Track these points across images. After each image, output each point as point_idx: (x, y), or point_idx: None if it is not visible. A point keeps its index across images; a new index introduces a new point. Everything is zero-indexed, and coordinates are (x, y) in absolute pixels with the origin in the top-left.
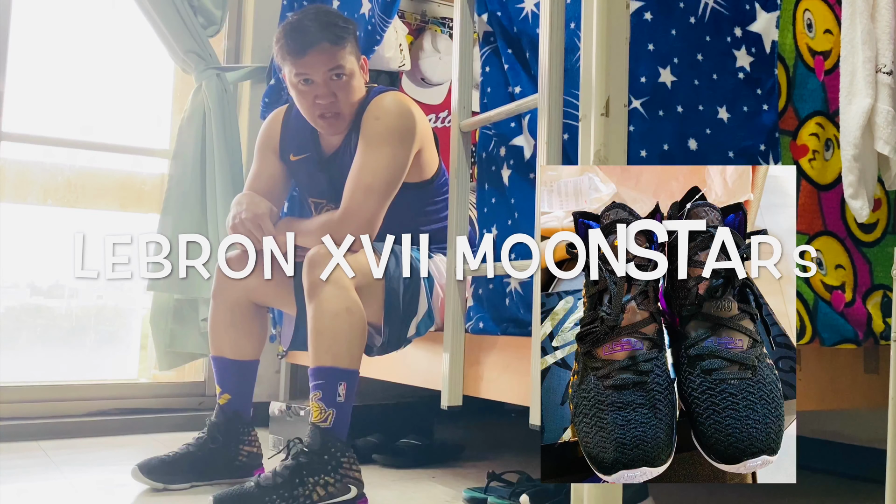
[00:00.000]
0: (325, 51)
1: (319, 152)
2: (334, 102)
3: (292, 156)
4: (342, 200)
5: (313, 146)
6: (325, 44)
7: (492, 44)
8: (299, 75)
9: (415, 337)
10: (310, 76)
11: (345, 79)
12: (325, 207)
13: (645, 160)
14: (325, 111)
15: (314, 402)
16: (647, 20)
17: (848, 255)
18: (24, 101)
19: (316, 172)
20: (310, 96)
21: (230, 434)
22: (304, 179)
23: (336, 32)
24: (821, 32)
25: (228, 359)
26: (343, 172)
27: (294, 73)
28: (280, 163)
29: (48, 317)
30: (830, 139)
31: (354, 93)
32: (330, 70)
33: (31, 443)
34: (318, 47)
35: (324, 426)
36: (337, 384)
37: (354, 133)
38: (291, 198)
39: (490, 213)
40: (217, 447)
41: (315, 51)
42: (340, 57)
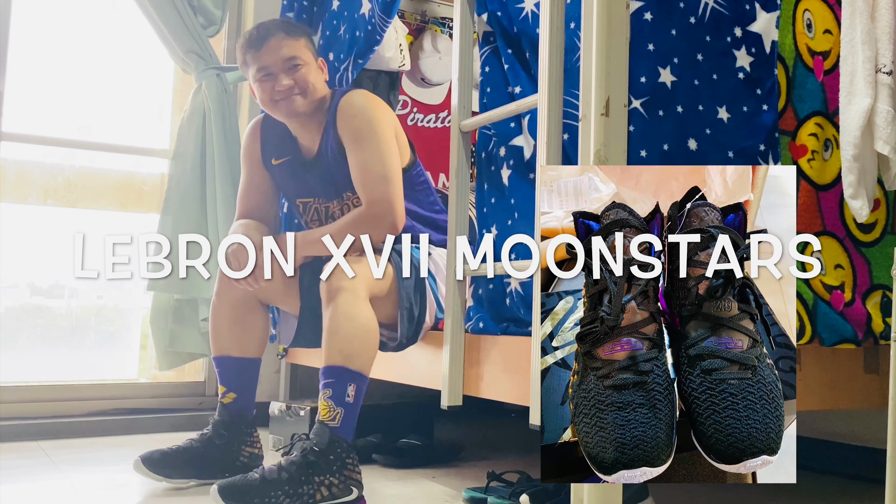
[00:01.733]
0: (281, 41)
1: (299, 155)
2: (291, 87)
3: (273, 160)
4: (361, 196)
5: (293, 148)
6: (280, 34)
7: (492, 44)
8: (260, 70)
9: (430, 329)
10: (268, 68)
11: (301, 69)
12: (313, 206)
13: (645, 160)
14: (282, 96)
15: (323, 400)
16: (647, 20)
17: (847, 255)
18: (24, 101)
19: (300, 173)
20: (269, 86)
21: (234, 432)
22: (289, 182)
23: (290, 27)
24: (820, 32)
25: (233, 357)
26: (327, 171)
27: (256, 69)
28: (265, 170)
29: (48, 317)
30: (829, 139)
31: (312, 83)
32: (286, 60)
33: (31, 443)
34: (274, 38)
35: (332, 425)
36: (347, 384)
37: (330, 134)
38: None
39: (490, 213)
40: (221, 444)
41: (272, 41)
42: (296, 48)
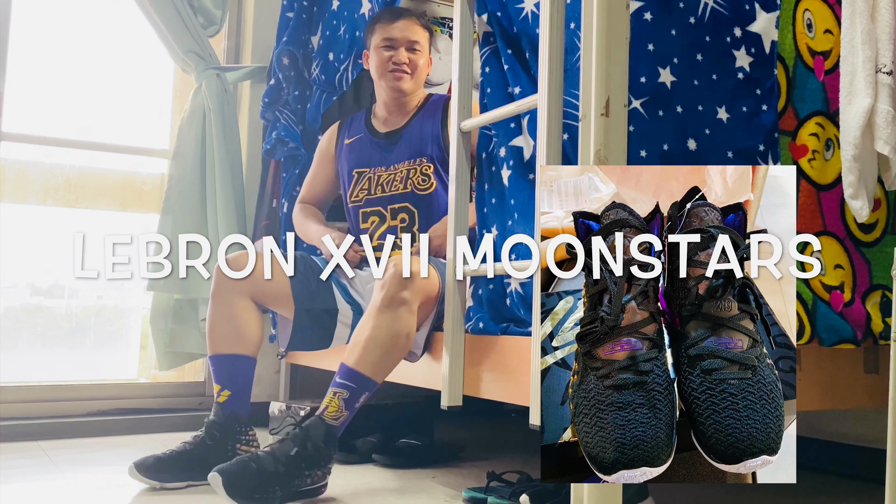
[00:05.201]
0: (412, 24)
1: (372, 131)
2: (406, 64)
3: (347, 140)
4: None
5: (366, 127)
6: (413, 18)
7: (492, 44)
8: (385, 40)
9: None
10: (394, 40)
11: (418, 54)
12: (367, 175)
13: (645, 160)
14: (396, 68)
15: (336, 399)
16: (647, 20)
17: (847, 255)
18: (24, 101)
19: (366, 148)
20: (387, 56)
21: (228, 432)
22: (354, 156)
23: (422, 18)
24: (821, 32)
25: (226, 354)
26: (394, 148)
27: (381, 37)
28: (334, 166)
29: (48, 317)
30: (831, 139)
31: (421, 69)
32: (411, 41)
33: (31, 443)
34: (407, 19)
35: (333, 423)
36: (363, 393)
37: (428, 125)
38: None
39: (490, 214)
40: (215, 444)
41: (405, 20)
42: (421, 35)
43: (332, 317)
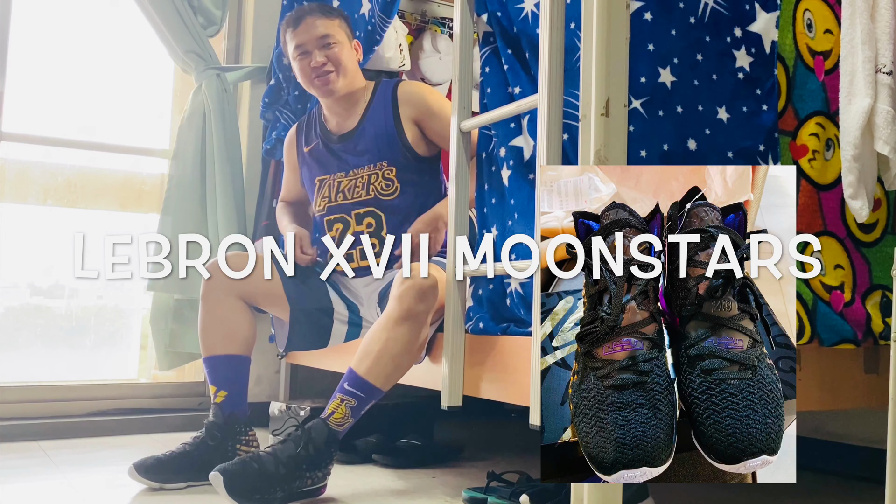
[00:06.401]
0: (316, 20)
1: (327, 135)
2: (326, 64)
3: (305, 148)
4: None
5: (321, 133)
6: (315, 13)
7: (492, 44)
8: (297, 48)
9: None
10: (304, 45)
11: (335, 48)
12: (326, 183)
13: (645, 160)
14: (318, 72)
15: (343, 406)
16: (647, 20)
17: (847, 255)
18: (24, 101)
19: (324, 154)
20: (305, 63)
21: (228, 432)
22: (314, 164)
23: (325, 9)
24: (821, 32)
25: (219, 355)
26: (352, 152)
27: (293, 46)
28: (299, 169)
29: (48, 317)
30: (831, 139)
31: (345, 61)
32: (320, 38)
33: (31, 443)
34: (309, 17)
35: (337, 429)
36: (370, 402)
37: (380, 114)
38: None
39: (490, 214)
40: (215, 444)
41: (307, 20)
42: (330, 27)
43: (328, 315)
